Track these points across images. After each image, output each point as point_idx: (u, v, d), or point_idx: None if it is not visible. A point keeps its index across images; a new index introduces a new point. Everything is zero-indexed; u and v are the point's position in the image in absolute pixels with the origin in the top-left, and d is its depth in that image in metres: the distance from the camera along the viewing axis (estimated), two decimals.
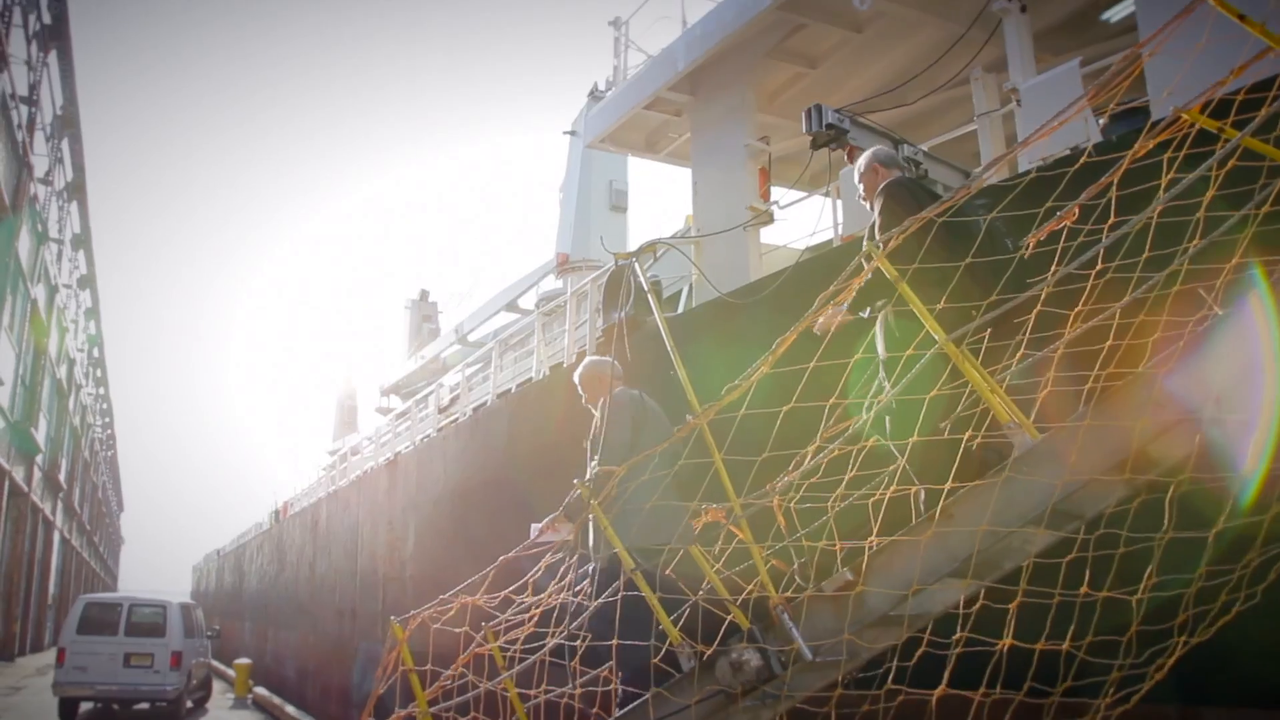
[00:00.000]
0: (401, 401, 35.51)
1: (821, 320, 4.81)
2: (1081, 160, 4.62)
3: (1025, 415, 4.02)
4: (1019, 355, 4.41)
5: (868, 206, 5.50)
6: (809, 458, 4.56)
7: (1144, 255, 4.11)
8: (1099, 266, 4.21)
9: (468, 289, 41.11)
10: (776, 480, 4.81)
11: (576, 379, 6.47)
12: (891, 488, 4.33)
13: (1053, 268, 4.37)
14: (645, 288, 5.42)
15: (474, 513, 12.48)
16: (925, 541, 3.98)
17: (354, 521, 19.72)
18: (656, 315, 5.16)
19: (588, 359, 6.60)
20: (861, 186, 5.53)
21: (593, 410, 5.84)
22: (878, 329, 4.98)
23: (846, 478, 4.46)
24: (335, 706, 18.69)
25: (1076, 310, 4.30)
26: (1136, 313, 4.01)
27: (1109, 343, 4.18)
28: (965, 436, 4.23)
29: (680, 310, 11.07)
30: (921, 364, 4.16)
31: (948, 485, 4.07)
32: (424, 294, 43.75)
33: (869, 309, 5.08)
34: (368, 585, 17.74)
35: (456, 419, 14.96)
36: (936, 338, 4.08)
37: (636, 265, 5.60)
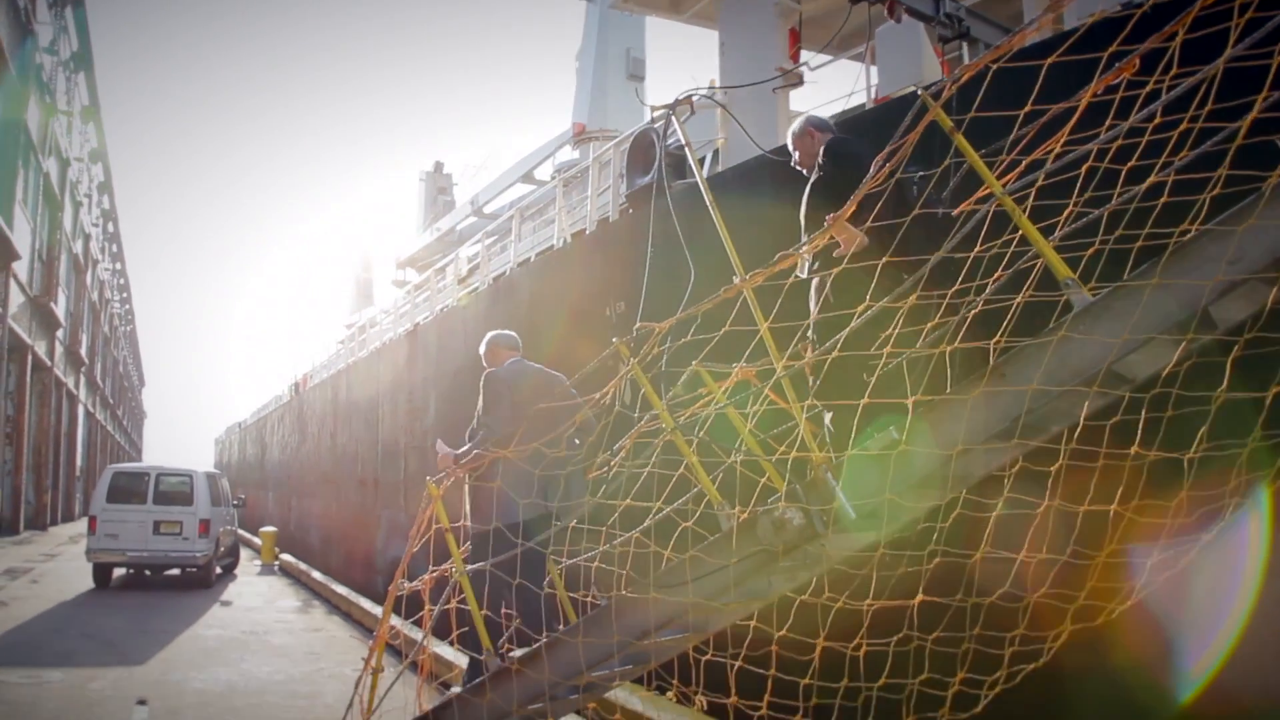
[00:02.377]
0: (417, 274, 35.40)
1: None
2: (1141, 11, 4.38)
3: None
4: (1067, 213, 4.25)
5: (804, 172, 5.48)
6: (858, 315, 4.42)
7: (1207, 108, 3.90)
8: (1157, 120, 4.02)
9: (483, 161, 40.34)
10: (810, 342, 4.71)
11: (481, 350, 7.06)
12: (944, 344, 4.19)
13: (1107, 122, 4.18)
14: (684, 140, 5.20)
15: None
16: (973, 400, 3.88)
17: (374, 392, 19.81)
18: (695, 172, 4.99)
19: (490, 333, 7.11)
20: (797, 153, 5.55)
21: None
22: None
23: (892, 333, 4.32)
24: (359, 572, 19.06)
25: (1130, 165, 4.12)
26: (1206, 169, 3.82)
27: (1164, 199, 4.01)
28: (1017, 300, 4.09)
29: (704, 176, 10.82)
30: (978, 216, 4.00)
31: (996, 340, 3.95)
32: (438, 166, 43.21)
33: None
34: (389, 455, 17.91)
35: (476, 289, 14.84)
36: (996, 192, 3.92)
37: (675, 120, 5.35)
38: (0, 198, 25.78)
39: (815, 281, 5.04)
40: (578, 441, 5.94)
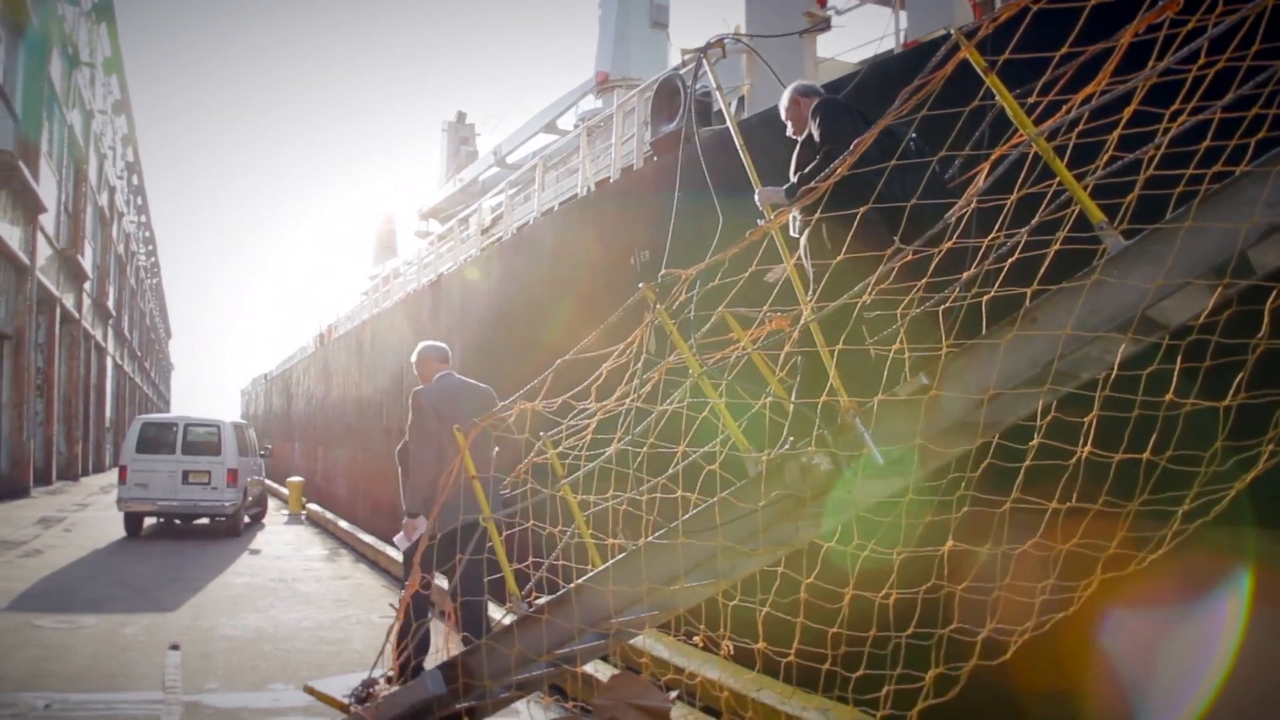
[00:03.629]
0: (440, 225, 35.35)
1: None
2: None
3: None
4: (1108, 158, 4.16)
5: (798, 139, 5.46)
6: (885, 260, 4.35)
7: (1254, 48, 3.79)
8: (1202, 60, 3.91)
9: (505, 111, 40.24)
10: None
11: (413, 360, 7.33)
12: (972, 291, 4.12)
13: (1150, 63, 4.06)
14: (716, 84, 5.11)
15: (520, 330, 12.44)
16: (1005, 345, 3.82)
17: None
18: (727, 116, 4.92)
19: (420, 344, 7.31)
20: (790, 123, 5.54)
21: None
22: None
23: (922, 283, 4.26)
24: (385, 522, 19.20)
25: (1172, 109, 4.01)
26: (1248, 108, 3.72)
27: (1206, 144, 3.91)
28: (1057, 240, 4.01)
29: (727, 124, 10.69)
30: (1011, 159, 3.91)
31: (1032, 288, 3.88)
32: (461, 116, 42.98)
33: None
34: None
35: (500, 239, 14.79)
36: (1028, 135, 3.83)
37: (707, 64, 5.26)
38: (25, 151, 25.81)
39: (804, 239, 5.00)
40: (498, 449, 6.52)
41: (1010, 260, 4.16)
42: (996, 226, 4.25)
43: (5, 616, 10.19)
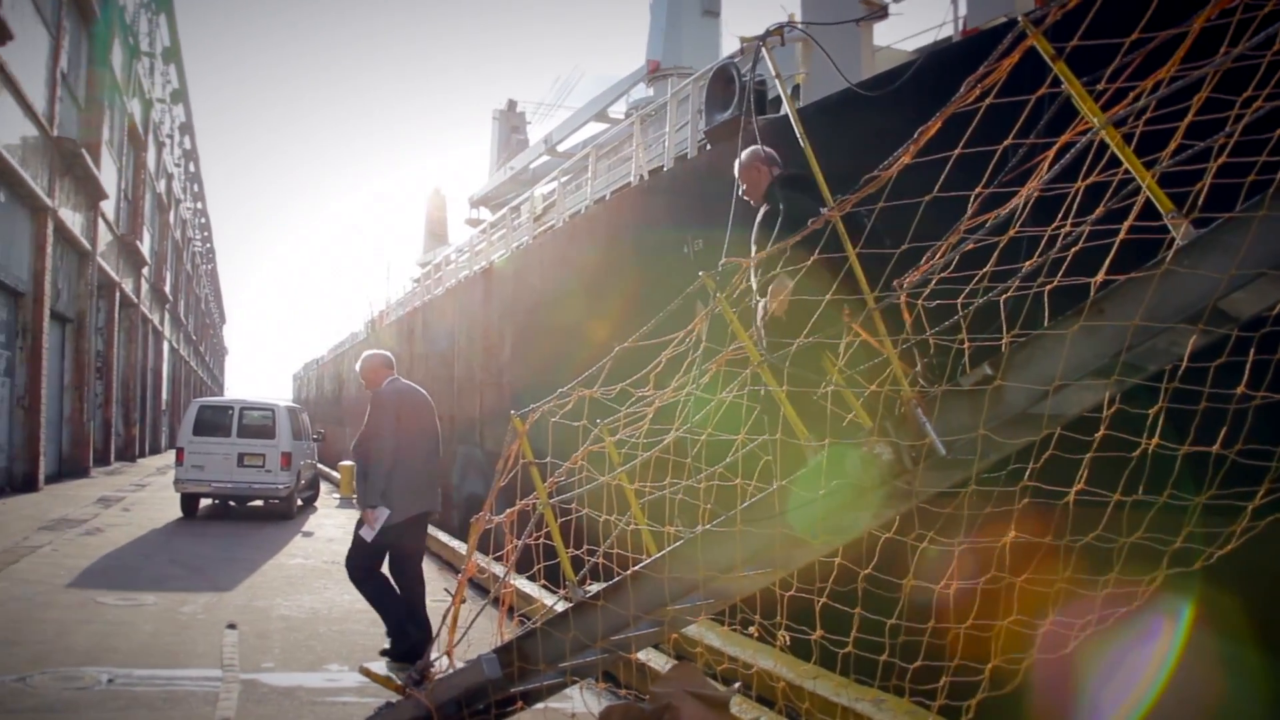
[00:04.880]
0: (490, 213, 35.53)
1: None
2: None
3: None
4: (1174, 144, 4.08)
5: (751, 203, 5.76)
6: (943, 252, 4.31)
7: None
8: (1277, 47, 3.82)
9: (556, 99, 40.18)
10: (906, 276, 4.60)
11: (357, 368, 7.59)
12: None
13: (1222, 49, 3.98)
14: (775, 72, 5.08)
15: (573, 318, 12.49)
16: (1071, 336, 3.77)
17: (449, 329, 19.99)
18: (786, 102, 4.87)
19: (365, 352, 7.56)
20: (744, 184, 5.86)
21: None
22: None
23: (985, 271, 4.20)
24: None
25: (1245, 95, 3.93)
26: None
27: None
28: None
29: (783, 112, 10.62)
30: (1078, 148, 3.85)
31: (1097, 278, 3.82)
32: (511, 105, 43.19)
33: None
34: (465, 391, 18.10)
35: (552, 226, 14.84)
36: (1097, 123, 3.77)
37: (766, 51, 5.23)
38: (88, 139, 26.30)
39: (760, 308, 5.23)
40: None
41: (1073, 250, 4.11)
42: (1059, 216, 4.20)
43: (69, 593, 10.43)
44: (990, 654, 4.00)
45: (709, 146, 10.05)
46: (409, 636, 6.82)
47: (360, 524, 7.03)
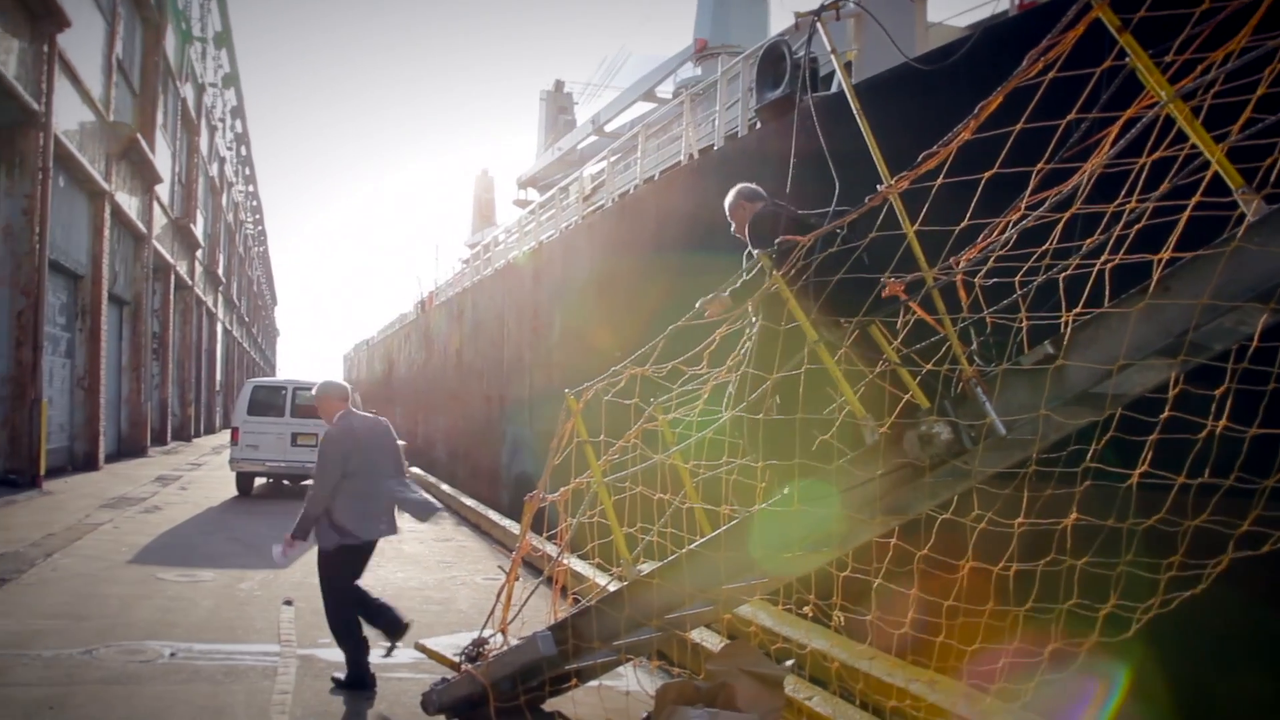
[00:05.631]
0: (538, 194, 35.61)
1: (708, 311, 5.34)
2: None
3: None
4: (1245, 118, 3.97)
5: (740, 238, 5.99)
6: (1003, 229, 4.24)
7: None
8: None
9: (603, 79, 40.16)
10: (963, 254, 4.54)
11: (312, 394, 7.75)
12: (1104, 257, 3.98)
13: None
14: (830, 47, 5.03)
15: (622, 298, 12.49)
16: (1136, 315, 3.70)
17: (499, 310, 20.07)
18: (842, 78, 4.81)
19: (321, 381, 7.64)
20: (733, 221, 6.12)
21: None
22: None
23: (1046, 249, 4.14)
24: (484, 486, 19.53)
25: None
26: None
27: None
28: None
29: (834, 89, 10.51)
30: (1144, 122, 3.76)
31: (1162, 255, 3.74)
32: (559, 85, 43.21)
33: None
34: (514, 372, 18.17)
35: (601, 206, 14.82)
36: (1163, 96, 3.68)
37: (821, 27, 5.17)
38: (143, 124, 26.70)
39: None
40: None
41: (1136, 227, 4.03)
42: (1124, 192, 4.12)
43: (130, 569, 10.65)
44: (1050, 637, 3.96)
45: (760, 125, 9.97)
46: (364, 666, 6.92)
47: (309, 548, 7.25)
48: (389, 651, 7.05)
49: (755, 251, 5.44)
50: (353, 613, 7.01)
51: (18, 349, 17.36)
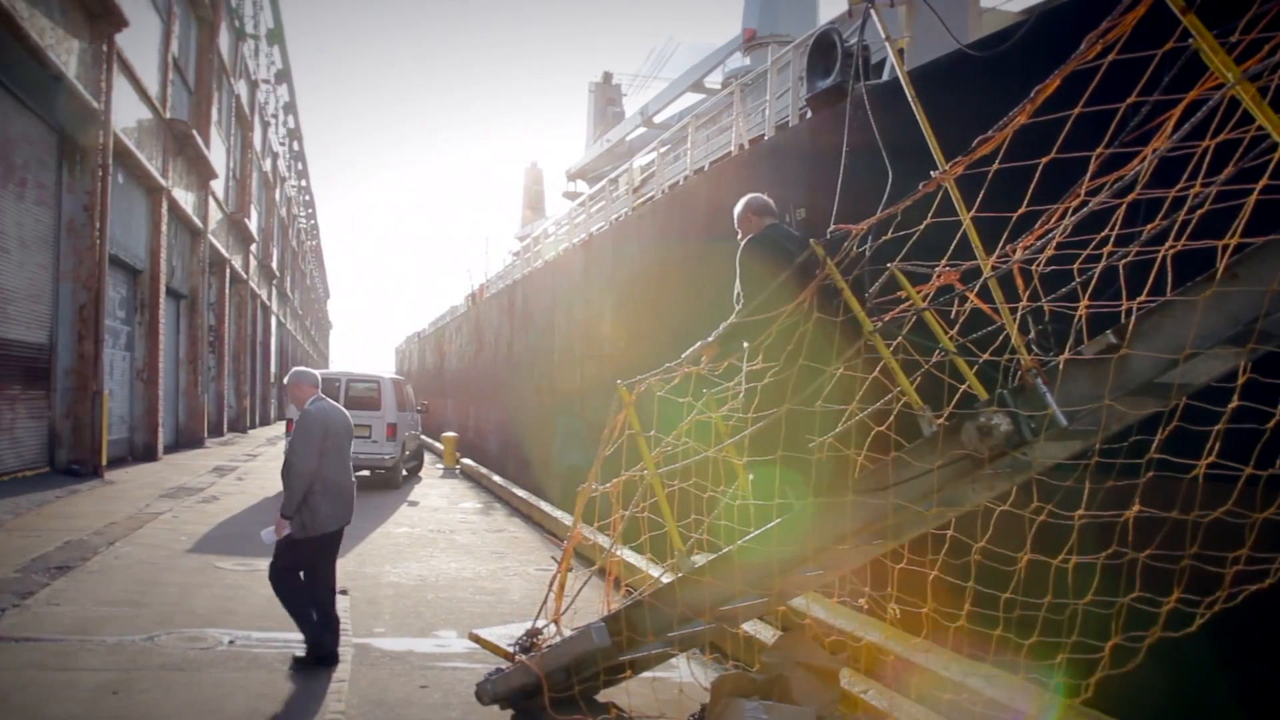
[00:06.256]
0: (587, 186, 35.67)
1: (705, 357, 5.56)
2: None
3: None
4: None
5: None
6: (1064, 214, 4.16)
7: None
8: None
9: (651, 70, 40.06)
10: (1020, 241, 4.47)
11: (285, 381, 7.76)
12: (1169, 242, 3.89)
13: None
14: (885, 34, 4.96)
15: (673, 289, 12.46)
16: (1203, 303, 3.61)
17: (549, 302, 20.13)
18: (897, 67, 4.75)
19: (293, 370, 7.71)
20: (739, 230, 6.19)
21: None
22: None
23: (1109, 234, 4.05)
24: (535, 477, 19.62)
25: None
26: None
27: None
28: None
29: (886, 77, 10.40)
30: (1209, 105, 3.67)
31: (1234, 241, 3.65)
32: (607, 77, 43.23)
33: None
34: (565, 364, 18.22)
35: (651, 197, 14.80)
36: (1226, 76, 3.59)
37: (876, 14, 5.10)
38: (199, 120, 27.10)
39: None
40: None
41: (1200, 212, 3.94)
42: (1186, 176, 4.02)
43: (189, 558, 10.83)
44: (1111, 631, 3.88)
45: (810, 114, 9.88)
46: (325, 645, 7.03)
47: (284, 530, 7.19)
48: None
49: (742, 257, 5.78)
50: (301, 592, 7.16)
51: (80, 342, 17.71)
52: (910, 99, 4.49)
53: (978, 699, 4.99)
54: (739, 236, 6.16)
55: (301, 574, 7.20)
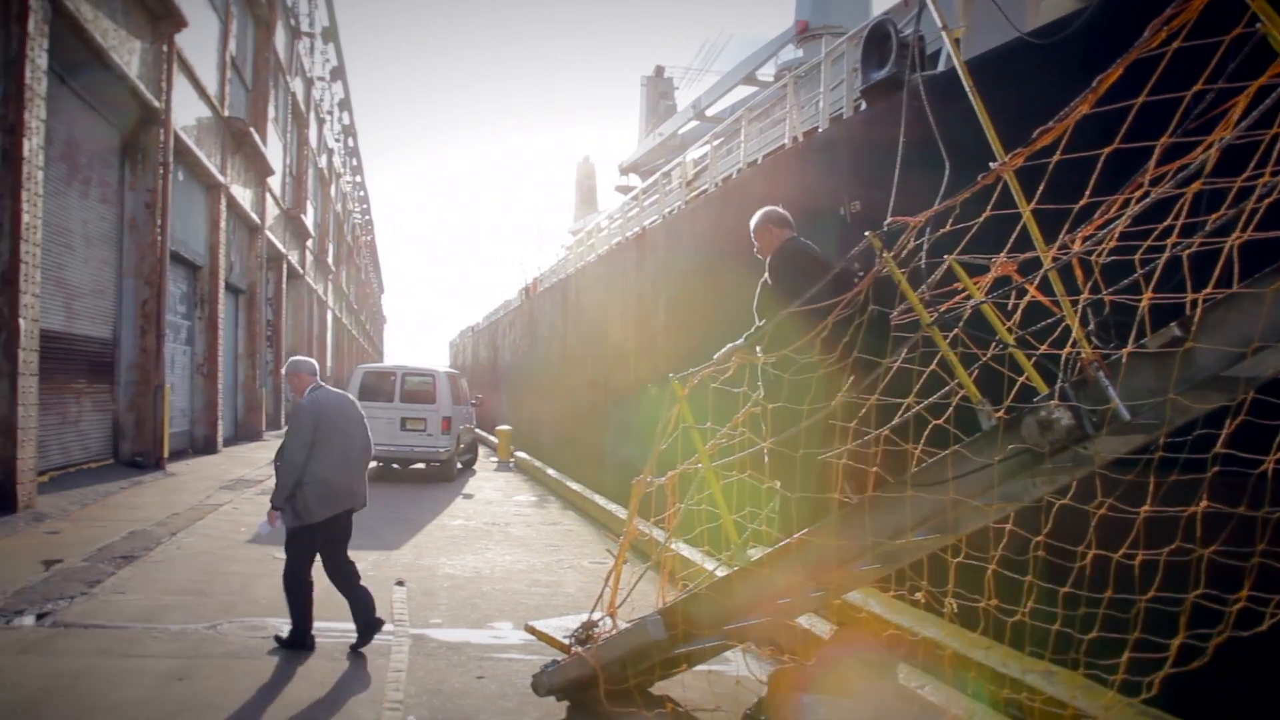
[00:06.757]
0: (640, 180, 35.68)
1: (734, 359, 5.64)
2: None
3: None
4: None
5: (763, 260, 6.21)
6: (1125, 204, 4.09)
7: None
8: None
9: (703, 64, 40.06)
10: (1080, 232, 4.40)
11: (284, 372, 7.91)
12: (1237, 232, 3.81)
13: None
14: (941, 24, 4.92)
15: (727, 282, 12.43)
16: (1271, 295, 3.54)
17: (603, 296, 20.18)
18: (953, 55, 4.70)
19: (292, 359, 7.83)
20: (758, 243, 6.33)
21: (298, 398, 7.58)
22: None
23: (1172, 224, 3.98)
24: (589, 471, 19.68)
25: None
26: None
27: None
28: None
29: (941, 68, 10.28)
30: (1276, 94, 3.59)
31: None
32: (659, 71, 43.20)
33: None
34: (618, 357, 18.26)
35: (704, 191, 14.78)
36: None
37: (932, 4, 5.06)
38: (256, 118, 27.50)
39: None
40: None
41: (1268, 201, 3.85)
42: (1253, 164, 3.93)
43: (250, 548, 11.04)
44: (1176, 629, 3.82)
45: (865, 106, 9.81)
46: (306, 639, 7.22)
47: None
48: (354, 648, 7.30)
49: (767, 280, 5.96)
50: (303, 583, 7.27)
51: (142, 337, 18.08)
52: (968, 89, 4.44)
53: (1038, 696, 4.93)
54: (755, 250, 6.33)
55: (319, 561, 7.39)
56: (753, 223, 6.38)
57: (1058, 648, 4.45)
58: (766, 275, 6.03)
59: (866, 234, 4.56)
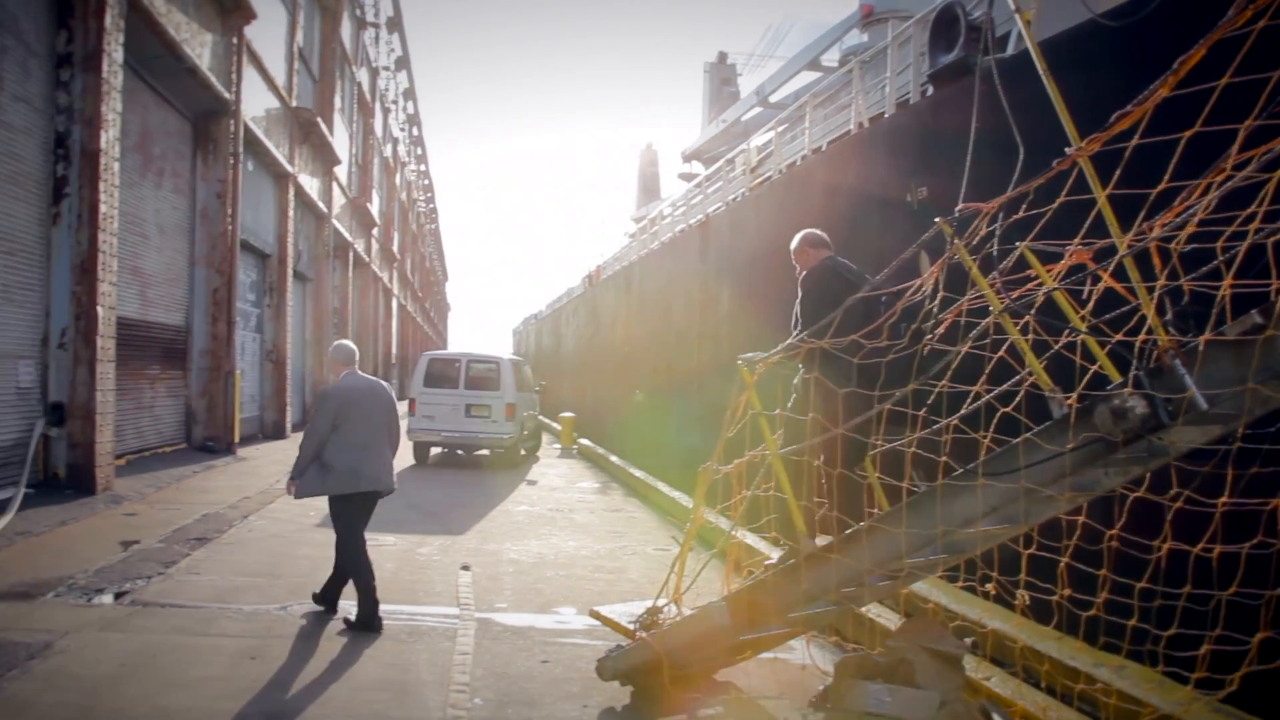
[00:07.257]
0: (703, 167, 35.59)
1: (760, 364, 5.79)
2: None
3: None
4: None
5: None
6: (1208, 189, 3.99)
7: None
8: None
9: (767, 49, 39.75)
10: (1158, 219, 4.30)
11: (328, 358, 8.13)
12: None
13: None
14: (1015, 6, 4.83)
15: (791, 271, 12.35)
16: None
17: (665, 283, 20.16)
18: (1028, 39, 4.62)
19: (335, 342, 8.13)
20: (797, 264, 6.70)
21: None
22: None
23: (1255, 210, 3.87)
24: (652, 458, 19.69)
25: None
26: None
27: None
28: None
29: (1010, 51, 10.09)
30: None
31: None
32: (722, 57, 42.96)
33: None
34: (681, 344, 18.24)
35: (768, 178, 14.69)
36: None
37: None
38: (323, 108, 27.88)
39: (797, 380, 6.03)
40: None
41: None
42: None
43: (318, 532, 11.23)
44: (1259, 625, 3.74)
45: (932, 91, 9.68)
46: (373, 621, 7.35)
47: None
48: (348, 627, 7.36)
49: (799, 306, 6.24)
50: (360, 553, 7.57)
51: (214, 324, 18.47)
52: (1041, 73, 4.36)
53: (1110, 691, 4.86)
54: (797, 271, 6.60)
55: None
56: (792, 245, 6.74)
57: (1133, 643, 4.37)
58: (800, 294, 6.37)
59: (937, 220, 4.50)
